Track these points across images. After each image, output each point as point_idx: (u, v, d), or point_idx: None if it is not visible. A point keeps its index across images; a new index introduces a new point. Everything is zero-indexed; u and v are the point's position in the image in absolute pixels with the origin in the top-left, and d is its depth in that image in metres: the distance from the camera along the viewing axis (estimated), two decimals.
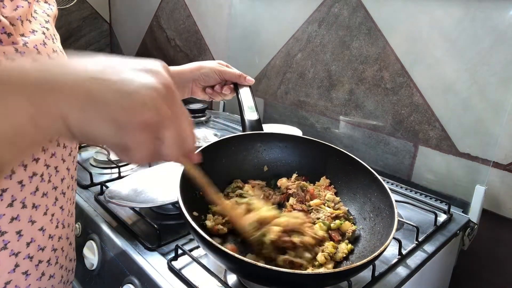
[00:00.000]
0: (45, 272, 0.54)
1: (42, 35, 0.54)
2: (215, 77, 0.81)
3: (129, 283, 0.66)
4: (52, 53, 0.53)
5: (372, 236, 0.62)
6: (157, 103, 0.33)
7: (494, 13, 0.82)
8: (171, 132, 0.35)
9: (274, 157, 0.76)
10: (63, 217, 0.56)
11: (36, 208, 0.50)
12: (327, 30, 1.13)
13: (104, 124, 0.33)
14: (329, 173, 0.74)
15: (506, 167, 0.86)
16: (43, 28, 0.55)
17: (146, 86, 0.33)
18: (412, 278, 0.68)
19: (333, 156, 0.73)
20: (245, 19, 1.37)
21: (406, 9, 0.96)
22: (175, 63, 1.74)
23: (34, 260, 0.52)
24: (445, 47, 0.91)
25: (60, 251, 0.57)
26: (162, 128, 0.34)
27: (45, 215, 0.52)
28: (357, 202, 0.69)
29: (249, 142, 0.75)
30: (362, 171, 0.69)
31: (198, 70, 0.81)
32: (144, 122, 0.33)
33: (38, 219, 0.51)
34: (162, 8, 1.75)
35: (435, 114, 0.95)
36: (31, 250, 0.51)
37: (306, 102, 1.23)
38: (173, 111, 0.35)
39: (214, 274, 0.61)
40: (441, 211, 0.86)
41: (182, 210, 0.54)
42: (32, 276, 0.52)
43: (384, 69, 1.02)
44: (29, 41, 0.51)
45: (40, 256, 0.53)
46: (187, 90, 0.81)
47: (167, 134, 0.35)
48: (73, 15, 1.96)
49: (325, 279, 0.51)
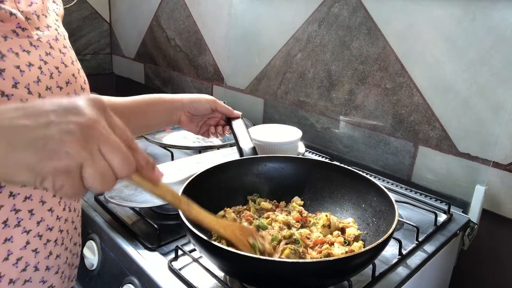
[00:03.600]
0: (52, 252, 0.57)
1: (55, 31, 0.58)
2: (206, 106, 0.82)
3: (129, 283, 0.66)
4: (63, 48, 0.57)
5: (377, 238, 0.62)
6: (69, 147, 0.34)
7: (494, 13, 0.82)
8: (89, 171, 0.35)
9: (271, 178, 0.77)
10: (70, 200, 0.60)
11: (46, 189, 0.52)
12: (327, 30, 1.13)
13: (23, 171, 0.34)
14: (326, 188, 0.75)
15: (506, 167, 0.86)
16: (55, 25, 0.59)
17: (60, 131, 0.34)
18: (412, 278, 0.68)
19: (329, 170, 0.75)
20: (245, 19, 1.37)
21: (406, 9, 0.96)
22: (175, 63, 1.74)
23: (43, 239, 0.55)
24: (445, 47, 0.91)
25: (65, 233, 0.60)
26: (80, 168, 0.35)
27: (54, 197, 0.55)
28: (359, 210, 0.70)
29: (246, 166, 0.76)
30: (358, 180, 0.71)
31: (188, 99, 0.82)
32: (57, 168, 0.34)
33: (48, 200, 0.54)
34: (162, 8, 1.75)
35: (435, 114, 0.95)
36: (41, 229, 0.54)
37: (306, 102, 1.23)
38: (89, 150, 0.35)
39: (214, 275, 0.61)
40: (441, 211, 0.87)
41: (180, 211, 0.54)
42: (40, 254, 0.55)
43: (384, 69, 1.02)
44: (43, 35, 0.55)
45: (48, 235, 0.55)
46: (175, 118, 0.82)
47: (85, 173, 0.35)
48: (73, 15, 1.96)
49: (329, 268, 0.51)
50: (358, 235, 0.64)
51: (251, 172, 0.76)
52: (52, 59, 0.55)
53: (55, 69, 0.55)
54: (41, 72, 0.52)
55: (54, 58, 0.55)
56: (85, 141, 0.35)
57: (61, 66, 0.56)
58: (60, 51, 0.57)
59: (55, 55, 0.55)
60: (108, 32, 2.12)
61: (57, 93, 0.54)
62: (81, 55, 2.05)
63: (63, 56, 0.57)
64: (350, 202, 0.72)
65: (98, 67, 2.14)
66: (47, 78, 0.53)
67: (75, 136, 0.34)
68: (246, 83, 1.41)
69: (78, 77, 0.59)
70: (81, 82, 0.60)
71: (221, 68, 1.53)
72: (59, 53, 0.56)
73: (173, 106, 0.81)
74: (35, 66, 0.52)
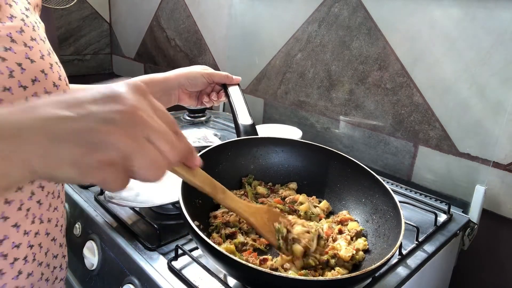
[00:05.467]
0: (22, 270, 0.52)
1: (20, 21, 0.51)
2: (203, 81, 0.79)
3: (129, 283, 0.66)
4: (30, 41, 0.51)
5: (377, 239, 0.62)
6: (114, 138, 0.32)
7: (494, 13, 0.82)
8: (139, 161, 0.33)
9: (271, 162, 0.75)
10: (41, 211, 0.54)
11: (9, 203, 0.49)
12: (327, 30, 1.13)
13: (67, 167, 0.32)
14: (327, 176, 0.73)
15: (506, 167, 0.86)
16: (23, 15, 0.52)
17: (102, 121, 0.32)
18: (412, 278, 0.68)
19: (331, 159, 0.73)
20: (245, 19, 1.37)
21: (406, 9, 0.96)
22: (175, 63, 1.74)
23: (9, 258, 0.50)
24: (445, 47, 0.91)
25: (37, 247, 0.54)
26: (127, 160, 0.33)
27: (20, 210, 0.50)
28: (358, 204, 0.69)
29: (245, 147, 0.74)
30: (361, 173, 0.69)
31: (183, 76, 0.78)
32: (102, 162, 0.32)
33: (11, 215, 0.49)
34: (162, 8, 1.75)
35: (435, 114, 0.95)
36: (5, 248, 0.49)
37: (306, 102, 1.23)
38: (136, 139, 0.33)
39: (214, 274, 0.61)
40: (441, 211, 0.86)
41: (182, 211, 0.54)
42: (7, 275, 0.50)
43: (384, 69, 1.02)
44: (3, 27, 0.48)
45: (16, 253, 0.51)
46: (174, 97, 0.79)
47: (135, 164, 0.33)
48: (73, 15, 1.96)
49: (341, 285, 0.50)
50: (360, 230, 0.64)
51: (249, 153, 0.73)
52: (13, 55, 0.48)
53: (17, 66, 0.48)
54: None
55: (16, 53, 0.48)
56: (131, 130, 0.32)
57: (25, 62, 0.49)
58: (26, 44, 0.50)
59: (18, 50, 0.49)
60: (108, 32, 2.12)
61: (19, 93, 0.48)
62: (81, 55, 2.05)
63: (29, 50, 0.50)
64: (350, 194, 0.70)
65: (98, 67, 2.14)
66: (4, 78, 0.46)
67: (119, 126, 0.32)
68: (246, 83, 1.41)
69: (49, 73, 0.52)
70: (54, 79, 0.53)
71: (221, 68, 1.53)
72: (24, 47, 0.49)
73: (169, 85, 0.77)
74: None
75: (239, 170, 0.74)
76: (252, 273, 0.47)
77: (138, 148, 0.33)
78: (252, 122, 0.76)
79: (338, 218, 0.68)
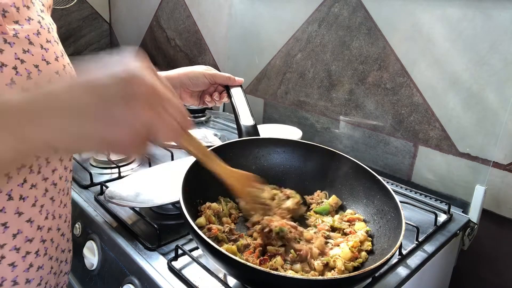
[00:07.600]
0: (33, 264, 0.54)
1: (37, 24, 0.52)
2: (205, 81, 0.80)
3: (129, 283, 0.66)
4: (45, 43, 0.52)
5: (378, 239, 0.62)
6: (137, 113, 0.38)
7: (494, 13, 0.83)
8: (160, 128, 0.40)
9: (272, 162, 0.76)
10: (54, 208, 0.56)
11: (23, 199, 0.50)
12: (327, 30, 1.13)
13: (93, 143, 0.38)
14: (328, 176, 0.73)
15: (506, 167, 0.86)
16: (39, 17, 0.53)
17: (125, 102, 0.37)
18: (412, 278, 0.68)
19: (333, 159, 0.73)
20: (245, 19, 1.37)
21: (406, 9, 0.96)
22: (175, 63, 1.74)
23: (21, 252, 0.52)
24: (445, 47, 0.91)
25: (49, 242, 0.56)
26: (150, 128, 0.39)
27: (34, 207, 0.52)
28: (360, 205, 0.69)
29: (247, 148, 0.74)
30: (363, 174, 0.69)
31: (186, 75, 0.79)
32: (126, 134, 0.38)
33: (25, 211, 0.51)
34: (162, 8, 1.75)
35: (435, 114, 0.95)
36: (18, 242, 0.51)
37: (306, 102, 1.23)
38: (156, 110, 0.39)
39: (214, 274, 0.61)
40: (441, 211, 0.86)
41: (182, 209, 0.54)
42: (19, 268, 0.52)
43: (384, 69, 1.02)
44: (21, 30, 0.49)
45: (28, 247, 0.52)
46: None
47: (156, 130, 0.39)
48: (73, 15, 1.96)
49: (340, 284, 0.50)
50: (367, 231, 0.64)
51: (250, 154, 0.74)
52: (31, 57, 0.49)
53: (35, 68, 0.49)
54: (16, 73, 0.47)
55: (34, 56, 0.50)
56: (150, 104, 0.38)
57: (41, 64, 0.50)
58: (42, 46, 0.51)
59: (35, 52, 0.50)
60: (108, 32, 2.12)
61: None
62: (81, 55, 2.05)
63: (45, 52, 0.51)
64: (351, 194, 0.70)
65: None
66: (23, 79, 0.48)
67: (140, 102, 0.38)
68: (246, 83, 1.41)
69: (63, 74, 0.54)
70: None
71: (221, 68, 1.53)
72: (41, 49, 0.51)
73: (170, 84, 0.79)
74: (8, 66, 0.47)
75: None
76: (252, 272, 0.48)
77: (158, 117, 0.39)
78: (254, 123, 0.77)
79: (345, 217, 0.68)
